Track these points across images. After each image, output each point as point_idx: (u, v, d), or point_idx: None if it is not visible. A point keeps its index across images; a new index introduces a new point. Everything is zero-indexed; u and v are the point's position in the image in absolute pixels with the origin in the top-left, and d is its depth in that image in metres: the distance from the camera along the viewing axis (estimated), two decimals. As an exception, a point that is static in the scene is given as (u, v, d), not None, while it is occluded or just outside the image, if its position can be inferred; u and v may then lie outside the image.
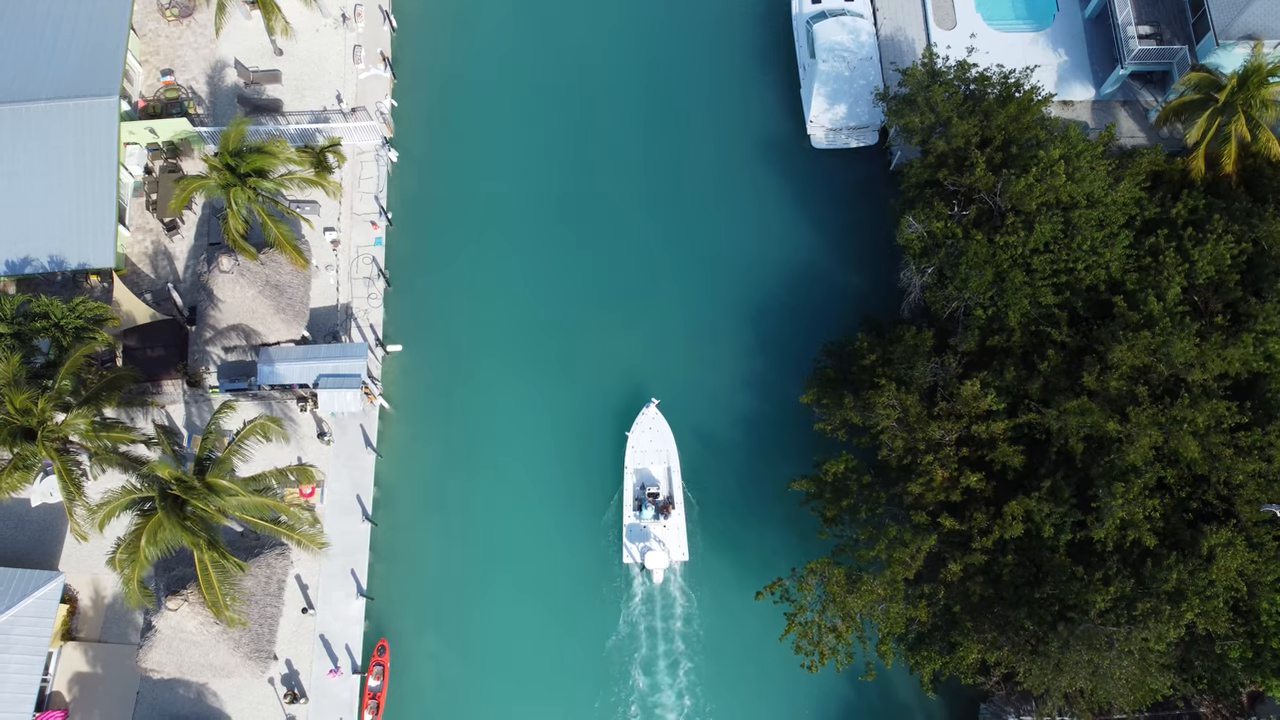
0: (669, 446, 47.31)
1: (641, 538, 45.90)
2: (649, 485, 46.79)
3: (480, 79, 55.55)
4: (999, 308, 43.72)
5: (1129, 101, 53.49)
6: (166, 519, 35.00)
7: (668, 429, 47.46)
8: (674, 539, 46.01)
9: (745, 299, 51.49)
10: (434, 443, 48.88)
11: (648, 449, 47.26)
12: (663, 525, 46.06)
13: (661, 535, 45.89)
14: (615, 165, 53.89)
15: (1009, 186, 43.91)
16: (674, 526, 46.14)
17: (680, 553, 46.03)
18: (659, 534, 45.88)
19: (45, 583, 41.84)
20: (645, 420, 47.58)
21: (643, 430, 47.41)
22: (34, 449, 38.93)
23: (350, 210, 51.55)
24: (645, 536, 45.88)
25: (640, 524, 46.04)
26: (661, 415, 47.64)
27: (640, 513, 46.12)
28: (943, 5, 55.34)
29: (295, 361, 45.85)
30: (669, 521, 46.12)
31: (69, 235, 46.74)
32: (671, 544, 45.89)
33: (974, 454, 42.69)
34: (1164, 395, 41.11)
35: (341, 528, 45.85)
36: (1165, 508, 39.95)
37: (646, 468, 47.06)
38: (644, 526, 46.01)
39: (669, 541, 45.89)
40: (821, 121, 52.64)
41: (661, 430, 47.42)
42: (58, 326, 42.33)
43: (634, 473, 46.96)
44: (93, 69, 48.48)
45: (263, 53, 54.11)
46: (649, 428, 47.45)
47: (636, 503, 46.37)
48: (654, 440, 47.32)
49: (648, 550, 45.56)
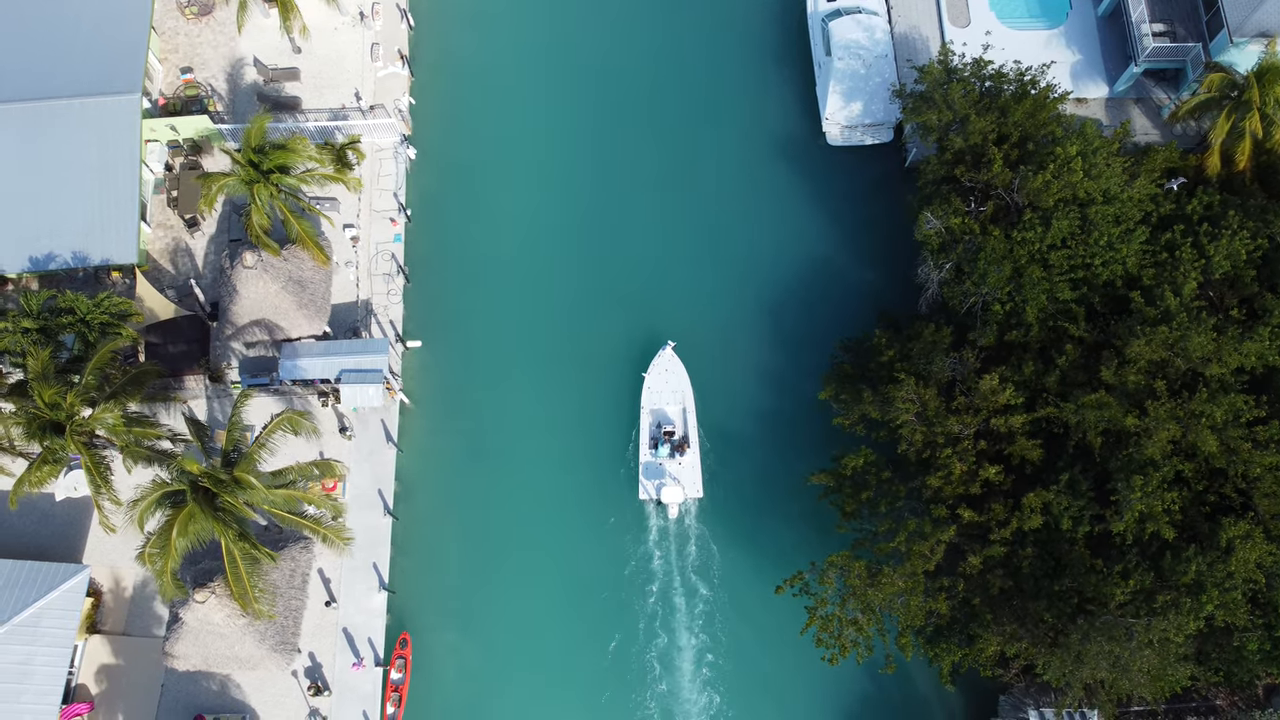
0: (684, 387, 48.56)
1: (657, 475, 47.10)
2: (665, 424, 47.99)
3: (497, 76, 55.89)
4: (1016, 303, 44.05)
5: (1142, 99, 53.81)
6: (198, 510, 35.32)
7: (683, 370, 48.81)
8: (689, 476, 47.10)
9: (761, 295, 51.81)
10: (454, 437, 49.21)
11: (663, 389, 48.56)
12: (678, 463, 47.14)
13: (676, 472, 47.02)
14: (631, 162, 54.22)
15: (1026, 183, 44.26)
16: (689, 464, 47.25)
17: (695, 489, 47.11)
18: (674, 471, 47.02)
19: (71, 576, 42.15)
20: (661, 362, 48.71)
21: (659, 372, 48.68)
22: (63, 443, 39.25)
23: (369, 207, 51.87)
24: (660, 474, 47.07)
25: (656, 462, 47.19)
26: (677, 357, 48.83)
27: (656, 451, 47.27)
28: (957, 3, 55.67)
29: (317, 357, 46.18)
30: (684, 459, 47.18)
31: (92, 232, 47.08)
32: (686, 481, 46.99)
33: (992, 448, 43.03)
34: (1182, 389, 41.42)
35: (363, 522, 46.17)
36: (1184, 501, 40.28)
37: (662, 408, 48.28)
38: (659, 464, 47.18)
39: (684, 478, 46.99)
40: (837, 119, 52.97)
41: (677, 371, 48.74)
42: (83, 322, 42.67)
43: (650, 413, 48.21)
44: (114, 67, 48.84)
45: (281, 51, 54.42)
46: (665, 369, 48.74)
47: (652, 441, 47.59)
48: (670, 381, 48.60)
49: (663, 486, 46.71)
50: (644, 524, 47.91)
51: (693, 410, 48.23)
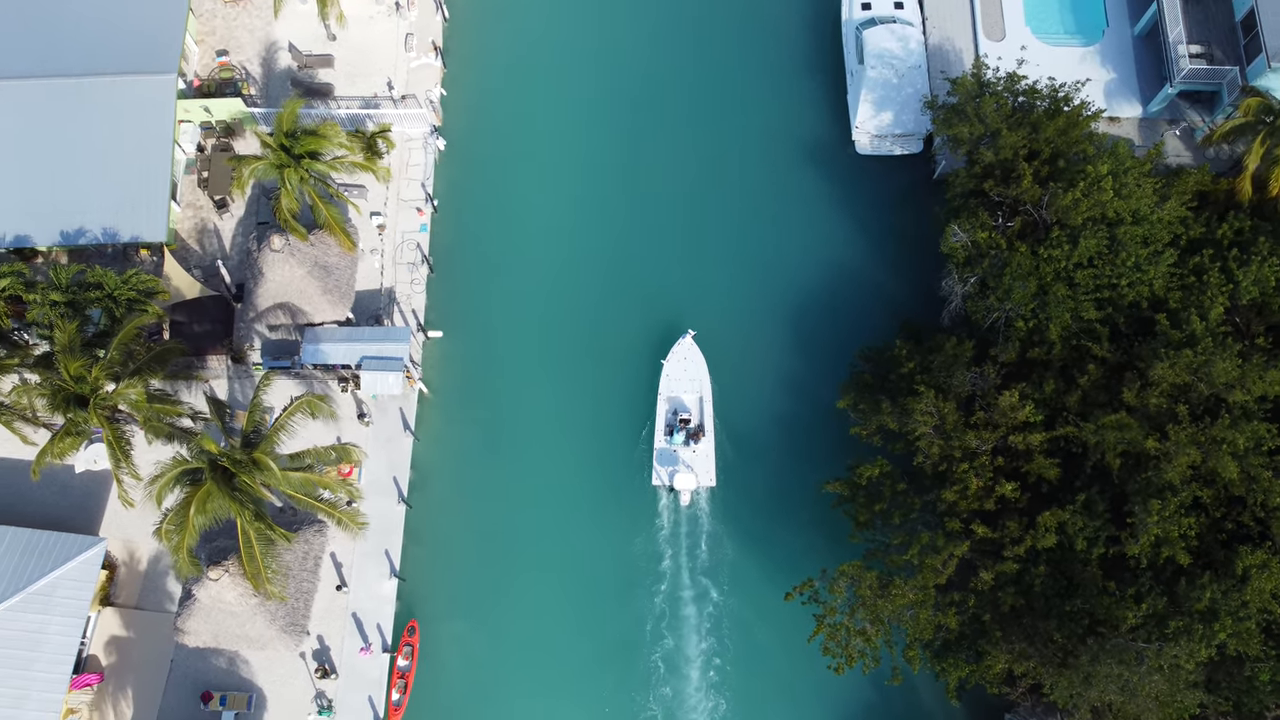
0: (702, 376, 48.80)
1: (671, 461, 47.38)
2: (681, 412, 48.30)
3: (528, 72, 56.05)
4: (1040, 320, 43.87)
5: (1175, 120, 53.42)
6: (216, 489, 35.61)
7: (702, 359, 48.89)
8: (702, 464, 47.28)
9: (783, 298, 51.80)
10: (470, 428, 49.43)
11: (681, 378, 48.84)
12: (692, 450, 47.35)
13: (690, 460, 47.21)
14: (658, 160, 54.29)
15: (1055, 200, 44.05)
16: (703, 452, 47.40)
17: (708, 478, 47.33)
18: (688, 459, 47.26)
19: (88, 548, 42.61)
20: (681, 350, 48.95)
21: (678, 360, 48.94)
22: (86, 415, 39.65)
23: (397, 196, 52.13)
24: (674, 461, 47.36)
25: (670, 449, 47.46)
26: (697, 346, 49.06)
27: (671, 438, 47.54)
28: (992, 16, 55.45)
29: (339, 342, 46.46)
30: (698, 447, 47.38)
31: (122, 209, 47.51)
32: (700, 469, 47.20)
33: (1009, 464, 42.84)
34: (1204, 415, 41.12)
35: (378, 508, 46.41)
36: (1200, 527, 39.99)
37: (679, 396, 48.54)
38: (674, 451, 47.46)
39: (697, 466, 47.22)
40: (867, 128, 52.86)
41: (696, 360, 48.96)
42: (110, 297, 43.09)
43: (667, 400, 48.54)
44: (152, 47, 49.27)
45: (316, 37, 54.76)
46: (684, 357, 49.02)
47: (668, 428, 47.86)
48: (688, 369, 48.88)
49: (676, 473, 46.96)
50: (655, 521, 47.99)
51: (709, 399, 48.57)
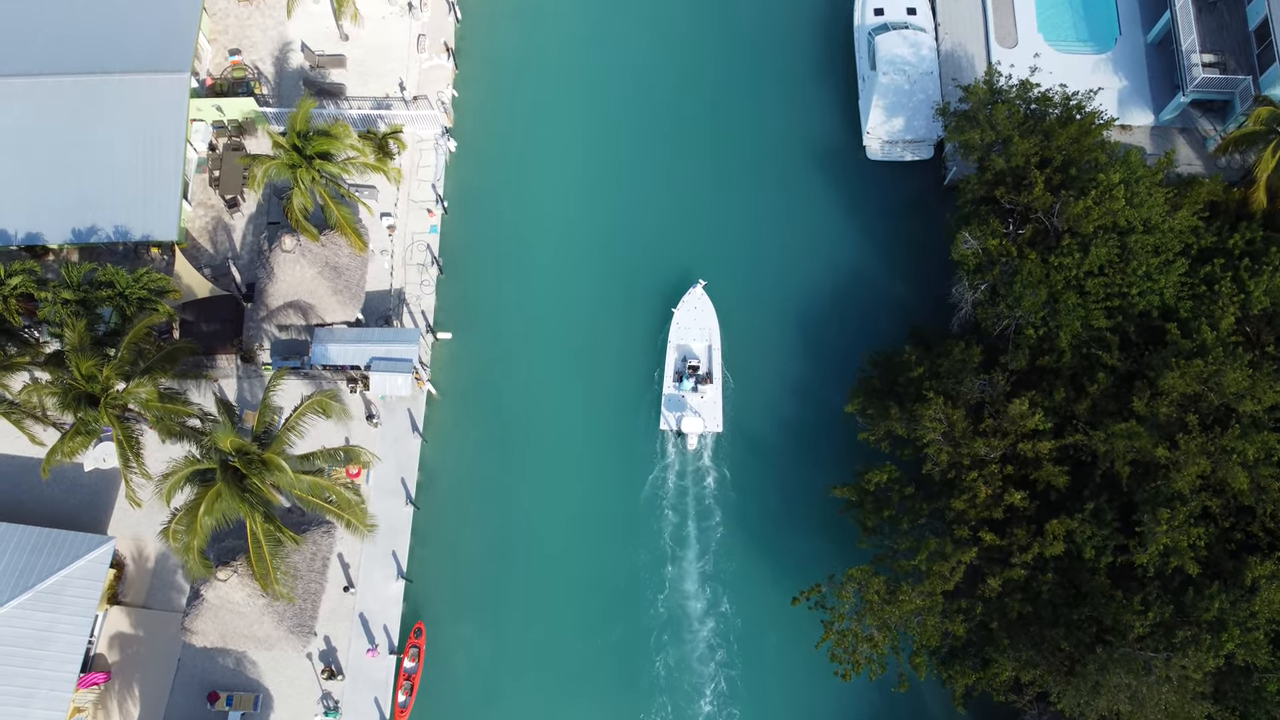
0: (711, 325, 49.32)
1: (679, 407, 48.10)
2: (690, 359, 49.05)
3: (541, 75, 56.08)
4: (1050, 328, 43.83)
5: (1187, 129, 53.37)
6: (226, 489, 35.66)
7: (711, 308, 49.62)
8: (709, 410, 47.70)
9: (792, 301, 51.83)
10: (478, 430, 49.47)
11: (691, 326, 49.46)
12: (700, 397, 48.07)
13: (698, 406, 47.96)
14: (671, 165, 54.30)
15: (1067, 208, 44.00)
16: (710, 399, 47.73)
17: (715, 424, 48.03)
18: (695, 404, 47.99)
19: (96, 546, 42.67)
20: (691, 300, 49.61)
21: (688, 309, 49.62)
22: (96, 415, 39.70)
23: (407, 197, 52.17)
24: (682, 406, 48.08)
25: (679, 394, 48.31)
26: (706, 295, 49.59)
27: (680, 384, 48.33)
28: (1004, 23, 55.39)
29: (349, 343, 46.50)
30: (706, 394, 47.74)
31: (134, 207, 47.57)
32: (707, 414, 47.65)
33: (1018, 472, 42.80)
34: (1214, 424, 41.06)
35: (385, 509, 46.45)
36: (1209, 537, 39.94)
37: (689, 344, 49.24)
38: (681, 397, 48.25)
39: (704, 412, 47.66)
40: (878, 134, 52.84)
41: (705, 309, 49.36)
42: (122, 296, 43.14)
43: (676, 348, 49.22)
44: (165, 46, 49.33)
45: (328, 37, 54.81)
46: (694, 306, 49.70)
47: (677, 375, 48.61)
48: (698, 318, 49.59)
49: (683, 417, 47.63)
50: (663, 529, 47.98)
51: (718, 347, 49.46)
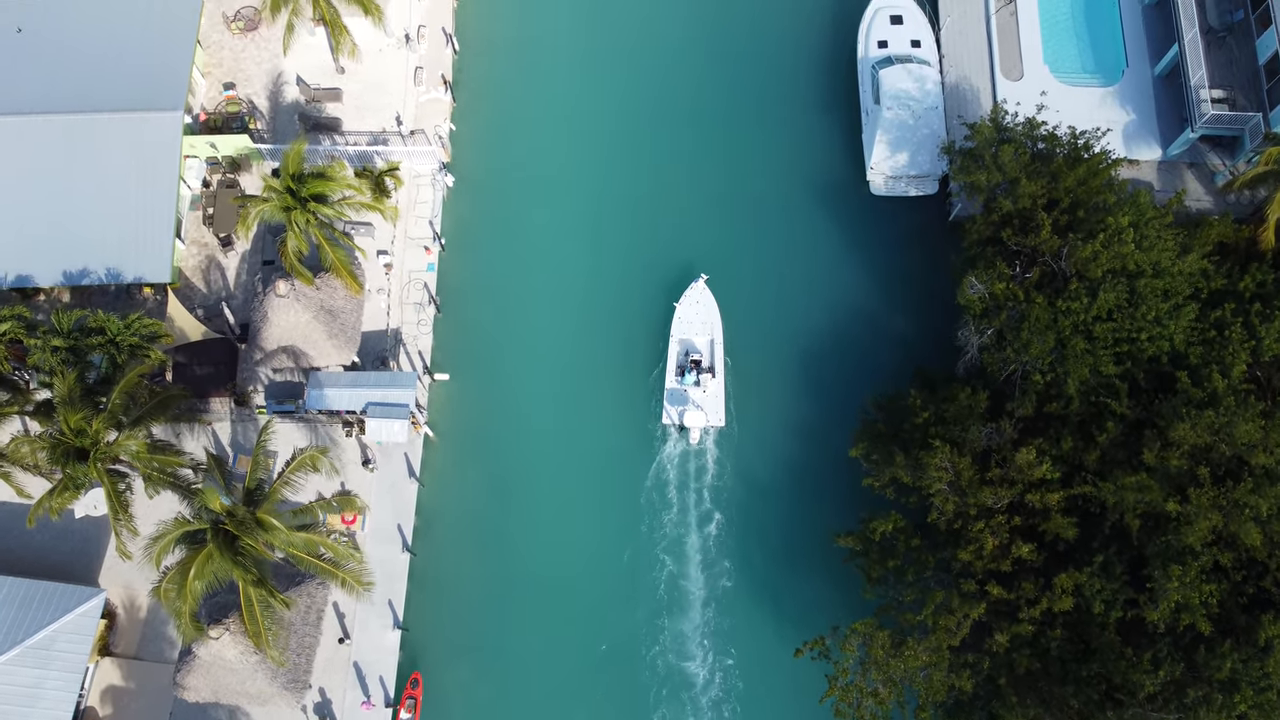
0: (714, 319, 49.33)
1: (681, 401, 47.69)
2: (692, 353, 48.93)
3: (540, 106, 55.26)
4: (1058, 374, 43.07)
5: (1196, 163, 52.58)
6: (217, 553, 34.90)
7: (713, 302, 49.66)
8: (712, 404, 47.65)
9: (794, 339, 50.97)
10: (476, 471, 48.69)
11: (693, 320, 49.30)
12: (702, 391, 47.67)
13: (700, 400, 47.70)
14: (672, 199, 53.44)
15: (1075, 251, 43.24)
16: (712, 393, 47.71)
17: (717, 417, 47.62)
18: (698, 398, 47.84)
19: (87, 599, 41.93)
20: (693, 294, 49.54)
21: (690, 303, 49.29)
22: (85, 469, 38.93)
23: (404, 234, 51.39)
24: (684, 400, 47.86)
25: (681, 388, 48.13)
26: (709, 290, 49.57)
27: (682, 378, 48.16)
28: (1010, 55, 54.63)
29: (344, 388, 45.71)
30: (708, 388, 47.76)
31: (126, 248, 46.79)
32: (709, 409, 47.58)
33: (1025, 522, 42.05)
34: (1225, 477, 40.28)
35: (381, 556, 45.69)
36: (1221, 593, 39.17)
37: (691, 338, 49.16)
38: (684, 391, 48.07)
39: (707, 406, 47.60)
40: (882, 169, 52.07)
41: (707, 303, 49.43)
42: (113, 343, 42.34)
43: (679, 342, 48.95)
44: (158, 82, 48.56)
45: (325, 70, 54.04)
46: (696, 300, 49.48)
47: (679, 369, 48.14)
48: (700, 313, 49.44)
49: (685, 411, 47.44)
50: (663, 575, 47.24)
51: (720, 341, 49.15)
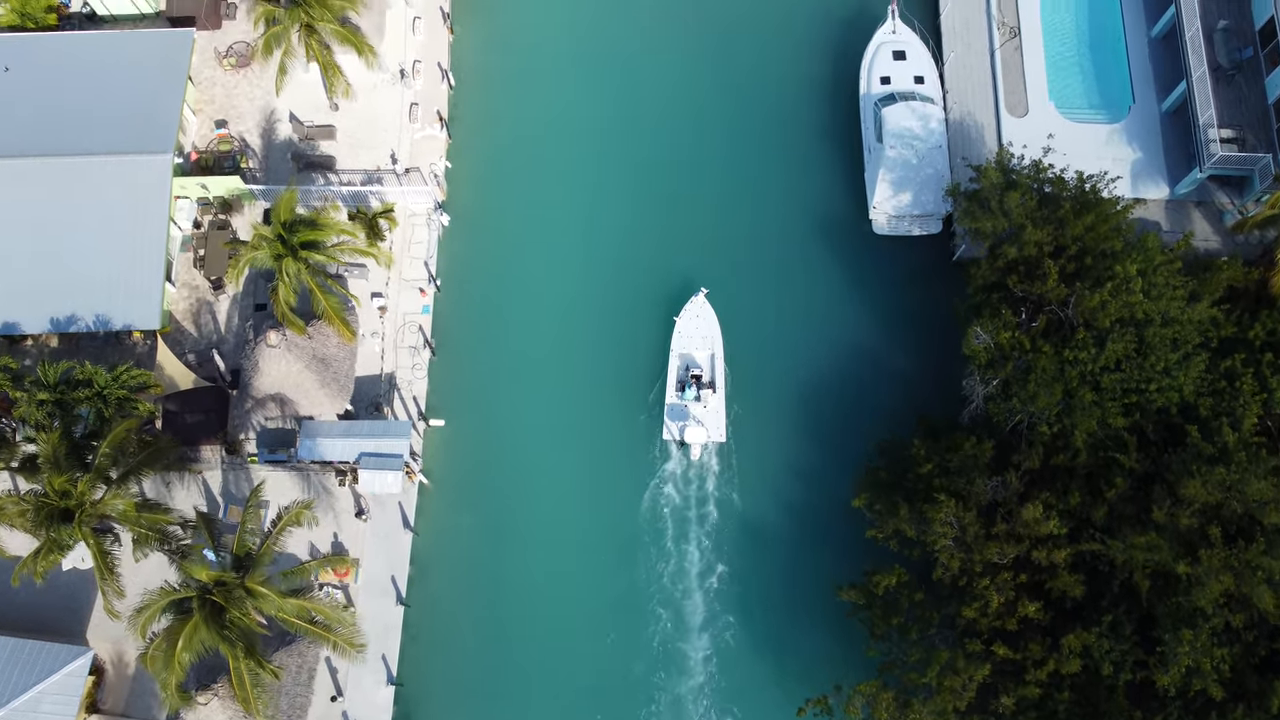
0: (714, 333, 48.84)
1: (681, 416, 47.24)
2: (692, 368, 48.32)
3: (536, 142, 54.31)
4: (1065, 425, 42.22)
5: (1204, 202, 51.72)
6: (203, 625, 34.03)
7: (714, 316, 49.09)
8: (713, 420, 47.19)
9: (794, 379, 50.00)
10: (473, 518, 47.75)
11: (693, 335, 48.74)
12: (703, 406, 47.18)
13: (701, 415, 46.96)
14: (671, 238, 52.49)
15: (1082, 301, 42.39)
16: (713, 408, 47.27)
17: (718, 433, 47.19)
18: (698, 414, 47.21)
19: (74, 658, 41.00)
20: (693, 308, 48.98)
21: (690, 317, 48.80)
22: (71, 530, 38.06)
23: (399, 276, 50.50)
24: (685, 416, 47.21)
25: (681, 404, 47.51)
26: (708, 304, 49.01)
27: (683, 393, 47.52)
28: (1015, 91, 53.76)
29: (337, 438, 44.82)
30: (709, 403, 47.26)
31: (115, 294, 45.92)
32: (710, 424, 47.12)
33: (1032, 578, 41.21)
34: (1237, 536, 39.43)
35: (375, 609, 44.84)
36: (1233, 657, 38.33)
37: (691, 353, 48.69)
38: (684, 406, 47.43)
39: (708, 422, 47.12)
40: (885, 208, 51.18)
41: (708, 318, 48.97)
42: (100, 396, 41.46)
43: (679, 356, 48.44)
44: (148, 124, 47.69)
45: (318, 106, 53.14)
46: (696, 315, 48.82)
47: (679, 384, 47.69)
48: (700, 327, 48.81)
49: (686, 427, 46.83)
50: (662, 626, 46.40)
51: (721, 356, 48.55)
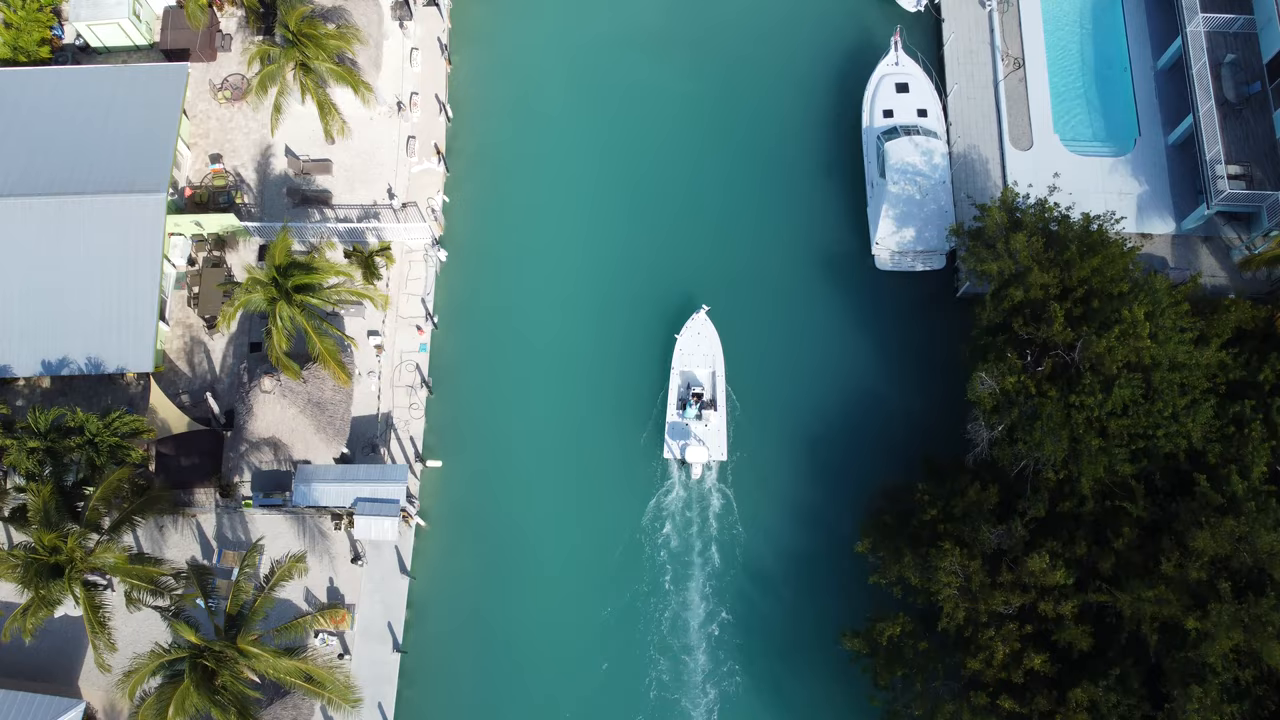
0: (715, 351, 48.41)
1: (682, 435, 46.73)
2: (694, 385, 47.95)
3: (535, 175, 53.62)
4: (1071, 471, 41.59)
5: (1211, 237, 51.08)
6: (195, 691, 33.40)
7: (715, 334, 48.75)
8: (714, 439, 46.81)
9: (797, 417, 49.34)
10: (470, 560, 47.14)
11: (694, 352, 48.36)
12: (704, 425, 46.70)
13: (702, 434, 46.46)
14: (670, 273, 51.82)
15: (1089, 346, 41.73)
16: (714, 427, 46.83)
17: (719, 452, 46.75)
18: (699, 433, 46.60)
19: (66, 710, 40.34)
20: (694, 325, 48.67)
21: (691, 334, 48.42)
22: (61, 585, 37.42)
23: (396, 314, 49.84)
24: (686, 434, 46.68)
25: (682, 422, 47.08)
26: (710, 321, 48.67)
27: (684, 411, 47.10)
28: (1019, 123, 53.13)
29: (332, 483, 44.17)
30: (710, 422, 46.75)
31: (108, 335, 45.29)
32: (711, 443, 46.72)
33: (1038, 628, 40.55)
34: (1246, 589, 38.78)
35: (371, 656, 44.24)
36: (1243, 713, 37.68)
37: (692, 370, 48.30)
38: (685, 424, 46.87)
39: (709, 440, 46.71)
40: (888, 244, 50.53)
41: (709, 335, 48.56)
42: (91, 444, 40.80)
43: (680, 374, 48.12)
44: (142, 163, 46.99)
45: (314, 139, 52.50)
46: (697, 332, 48.45)
47: (680, 402, 47.28)
48: (701, 344, 48.43)
49: (687, 446, 46.38)
50: (663, 671, 45.77)
51: (722, 374, 48.19)
